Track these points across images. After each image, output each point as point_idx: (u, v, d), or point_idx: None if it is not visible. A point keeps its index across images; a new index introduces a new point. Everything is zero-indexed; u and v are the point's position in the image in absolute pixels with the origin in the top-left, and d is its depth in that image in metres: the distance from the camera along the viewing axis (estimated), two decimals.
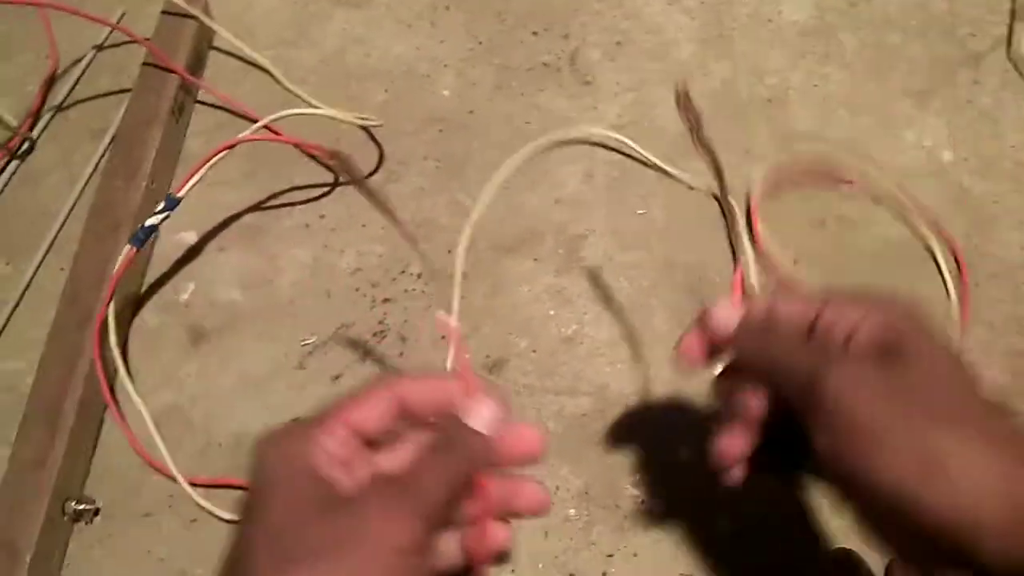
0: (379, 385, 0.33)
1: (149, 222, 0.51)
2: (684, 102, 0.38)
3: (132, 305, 0.57)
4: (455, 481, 0.31)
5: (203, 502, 0.50)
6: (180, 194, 0.51)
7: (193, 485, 0.50)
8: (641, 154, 0.62)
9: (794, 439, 0.35)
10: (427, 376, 0.34)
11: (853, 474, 0.31)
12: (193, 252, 0.59)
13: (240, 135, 0.53)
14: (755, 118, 0.65)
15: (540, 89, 0.67)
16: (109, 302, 0.51)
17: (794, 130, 0.65)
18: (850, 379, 0.32)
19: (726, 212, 0.59)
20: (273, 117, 0.56)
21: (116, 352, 0.51)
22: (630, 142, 0.63)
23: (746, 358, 0.38)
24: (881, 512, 0.31)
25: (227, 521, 0.50)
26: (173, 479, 0.51)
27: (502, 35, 0.70)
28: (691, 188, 0.61)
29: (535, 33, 0.70)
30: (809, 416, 0.32)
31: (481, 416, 0.32)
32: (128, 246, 0.51)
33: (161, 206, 0.51)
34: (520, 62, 0.68)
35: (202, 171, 0.51)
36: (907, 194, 0.59)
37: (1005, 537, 0.28)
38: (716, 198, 0.61)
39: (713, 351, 0.40)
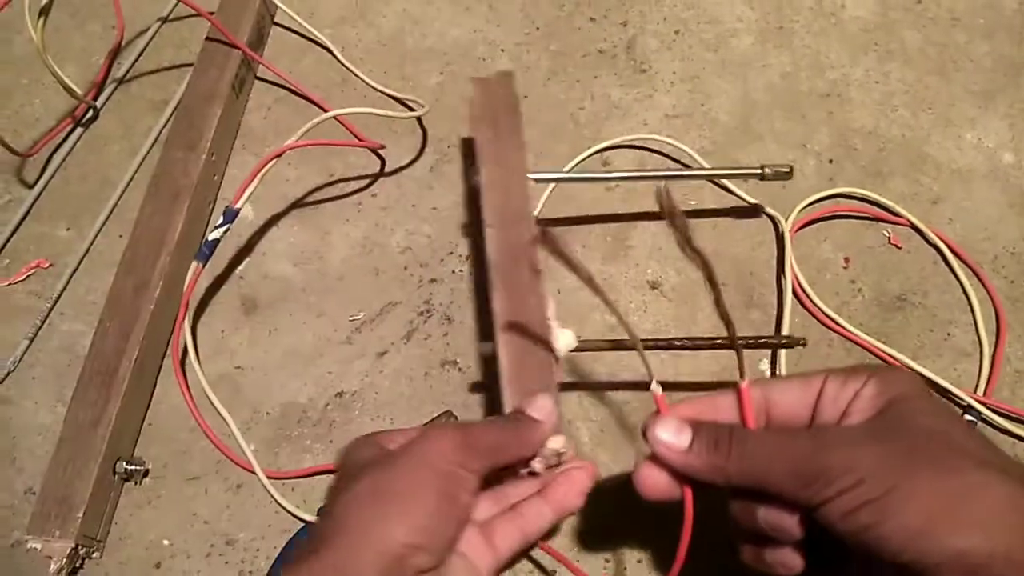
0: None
1: (212, 236, 0.52)
2: (668, 207, 0.32)
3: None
4: (502, 441, 0.36)
5: (258, 469, 0.51)
6: (238, 206, 0.52)
7: (270, 477, 0.52)
8: (695, 160, 0.62)
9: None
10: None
11: (868, 535, 0.30)
12: (249, 226, 0.61)
13: (288, 142, 0.53)
14: (813, 113, 0.65)
15: (595, 76, 0.67)
16: (183, 317, 0.52)
17: (852, 126, 0.64)
18: (853, 448, 0.31)
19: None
20: (320, 119, 0.55)
21: (187, 329, 0.52)
22: (687, 148, 0.62)
23: (726, 475, 0.34)
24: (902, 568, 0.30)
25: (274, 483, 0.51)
26: (220, 446, 0.52)
27: (559, 20, 0.70)
28: (743, 201, 0.61)
29: (592, 19, 0.70)
30: (818, 496, 0.31)
31: (541, 407, 0.37)
32: (194, 263, 0.52)
33: (221, 220, 0.52)
34: (576, 48, 0.68)
35: (256, 180, 0.52)
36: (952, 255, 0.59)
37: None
38: (765, 211, 0.60)
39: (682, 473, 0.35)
